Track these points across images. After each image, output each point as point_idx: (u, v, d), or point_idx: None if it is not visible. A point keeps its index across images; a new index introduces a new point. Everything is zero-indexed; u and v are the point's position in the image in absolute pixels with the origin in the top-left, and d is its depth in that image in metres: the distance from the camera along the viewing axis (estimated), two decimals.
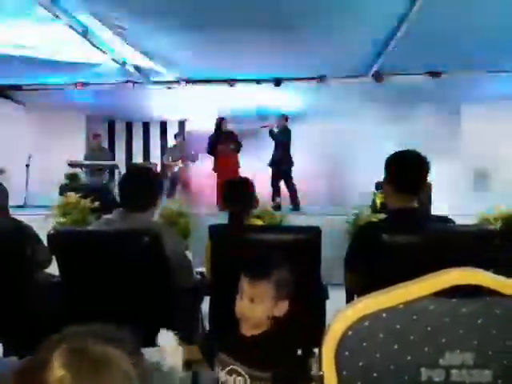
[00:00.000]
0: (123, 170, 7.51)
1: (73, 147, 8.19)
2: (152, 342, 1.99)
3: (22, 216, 2.98)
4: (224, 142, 7.32)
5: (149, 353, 1.74)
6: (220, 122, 7.44)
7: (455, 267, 0.80)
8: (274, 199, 6.84)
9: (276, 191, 7.18)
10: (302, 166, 7.46)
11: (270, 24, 4.35)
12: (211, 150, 7.44)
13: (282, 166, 7.13)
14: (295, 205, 7.02)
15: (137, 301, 1.98)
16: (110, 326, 0.71)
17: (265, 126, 7.49)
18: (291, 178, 7.16)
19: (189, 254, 2.34)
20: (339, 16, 4.20)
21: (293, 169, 7.18)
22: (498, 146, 6.87)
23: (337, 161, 8.43)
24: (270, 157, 7.28)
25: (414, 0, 3.81)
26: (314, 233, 2.03)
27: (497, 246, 1.88)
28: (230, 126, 7.55)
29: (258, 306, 1.40)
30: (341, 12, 4.11)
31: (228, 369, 1.40)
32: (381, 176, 2.14)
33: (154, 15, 4.27)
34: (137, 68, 5.93)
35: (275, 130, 7.26)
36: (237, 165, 7.40)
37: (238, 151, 7.46)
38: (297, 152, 7.29)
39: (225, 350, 1.43)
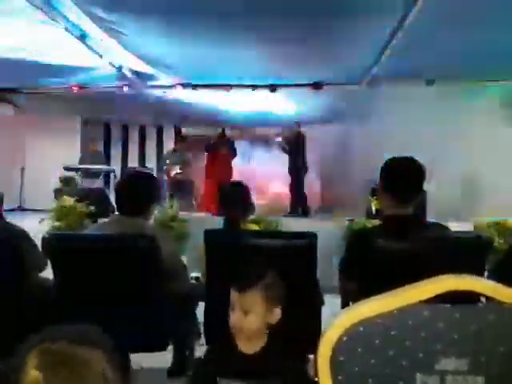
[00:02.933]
0: (118, 175, 7.51)
1: (68, 150, 8.16)
2: (146, 347, 1.99)
3: (17, 219, 2.96)
4: (220, 147, 7.55)
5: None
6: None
7: (450, 273, 0.80)
8: (295, 205, 7.05)
9: (299, 197, 7.26)
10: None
11: (268, 28, 4.37)
12: (208, 153, 7.74)
13: (299, 172, 7.26)
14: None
15: (131, 305, 1.97)
16: (88, 327, 0.71)
17: (277, 138, 7.56)
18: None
19: (184, 259, 2.33)
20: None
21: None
22: (493, 151, 6.86)
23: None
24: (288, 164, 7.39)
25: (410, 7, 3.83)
26: (310, 238, 2.03)
27: (491, 252, 1.89)
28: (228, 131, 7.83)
29: (251, 316, 1.38)
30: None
31: None
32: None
33: (151, 20, 4.28)
34: (133, 72, 5.93)
35: (285, 145, 7.36)
36: (231, 170, 7.65)
37: (234, 157, 7.72)
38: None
39: (226, 375, 1.38)
